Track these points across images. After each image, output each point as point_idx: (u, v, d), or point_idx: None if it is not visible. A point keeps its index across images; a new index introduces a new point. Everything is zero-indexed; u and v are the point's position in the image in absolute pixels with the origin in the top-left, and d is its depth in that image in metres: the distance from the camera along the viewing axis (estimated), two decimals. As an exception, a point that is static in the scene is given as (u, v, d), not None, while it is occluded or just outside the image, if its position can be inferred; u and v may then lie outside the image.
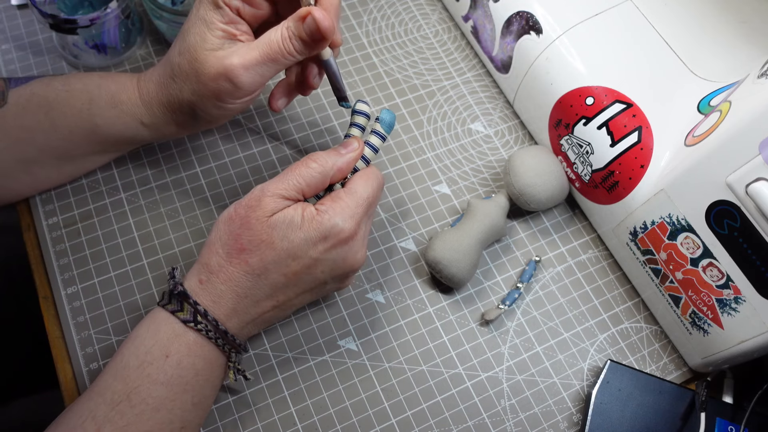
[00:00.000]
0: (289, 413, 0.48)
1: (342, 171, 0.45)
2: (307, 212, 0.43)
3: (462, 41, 0.64)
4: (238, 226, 0.42)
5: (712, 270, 0.46)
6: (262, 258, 0.42)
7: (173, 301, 0.42)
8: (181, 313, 0.42)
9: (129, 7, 0.57)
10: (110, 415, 0.39)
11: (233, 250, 0.42)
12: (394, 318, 0.52)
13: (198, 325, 0.42)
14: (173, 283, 0.43)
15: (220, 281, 0.42)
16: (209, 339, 0.42)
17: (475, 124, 0.60)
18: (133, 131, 0.49)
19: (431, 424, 0.49)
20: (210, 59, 0.44)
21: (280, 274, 0.43)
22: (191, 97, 0.46)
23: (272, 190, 0.43)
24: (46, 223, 0.53)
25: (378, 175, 0.46)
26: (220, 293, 0.42)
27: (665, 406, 0.48)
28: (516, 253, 0.55)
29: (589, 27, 0.54)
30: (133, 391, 0.40)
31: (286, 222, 0.42)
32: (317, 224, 0.42)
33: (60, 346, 0.50)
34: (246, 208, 0.43)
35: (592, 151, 0.52)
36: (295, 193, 0.43)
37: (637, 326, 0.53)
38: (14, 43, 0.61)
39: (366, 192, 0.45)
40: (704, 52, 0.53)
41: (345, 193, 0.44)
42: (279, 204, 0.43)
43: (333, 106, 0.60)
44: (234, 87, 0.44)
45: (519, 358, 0.51)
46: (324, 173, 0.44)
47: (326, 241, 0.43)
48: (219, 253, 0.43)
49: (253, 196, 0.43)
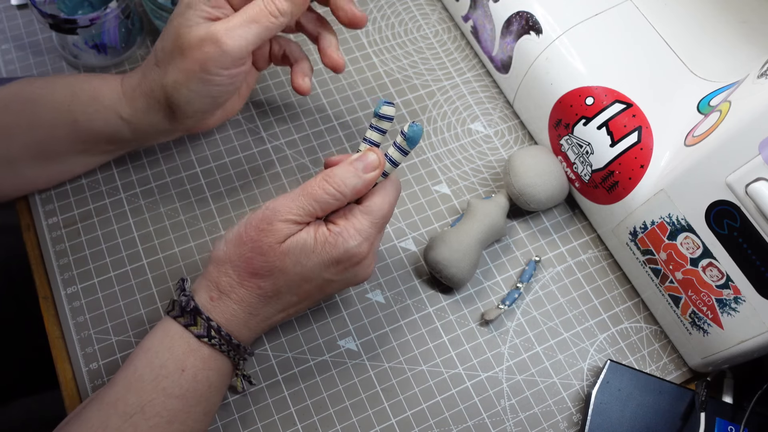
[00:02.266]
0: (289, 413, 0.48)
1: (360, 193, 0.43)
2: (320, 234, 0.42)
3: (462, 41, 0.64)
4: (249, 249, 0.41)
5: (712, 270, 0.46)
6: (274, 283, 0.42)
7: (186, 315, 0.42)
8: (195, 327, 0.41)
9: (129, 7, 0.57)
10: (123, 427, 0.39)
11: (245, 273, 0.42)
12: (393, 318, 0.52)
13: (212, 340, 0.41)
14: (185, 299, 0.42)
15: (232, 301, 0.42)
16: (222, 352, 0.42)
17: (475, 124, 0.60)
18: (113, 127, 0.48)
19: (431, 424, 0.49)
20: (191, 31, 0.43)
21: (293, 294, 0.43)
22: (176, 75, 0.44)
23: (284, 215, 0.41)
24: (46, 223, 0.53)
25: (396, 188, 0.44)
26: (232, 312, 0.42)
27: (665, 406, 0.48)
28: (516, 253, 0.55)
29: (589, 27, 0.54)
30: (148, 404, 0.39)
31: (299, 247, 0.41)
32: (330, 248, 0.41)
33: (60, 346, 0.50)
34: (257, 231, 0.41)
35: (592, 151, 0.52)
36: (308, 218, 0.42)
37: (637, 326, 0.53)
38: (14, 43, 0.61)
39: (382, 210, 0.43)
40: (704, 52, 0.53)
41: (360, 212, 0.43)
42: (292, 229, 0.41)
43: (333, 106, 0.60)
44: (219, 50, 0.43)
45: (519, 358, 0.51)
46: (341, 199, 0.42)
47: (339, 264, 0.42)
48: (230, 274, 0.42)
49: (264, 218, 0.41)
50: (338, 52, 0.49)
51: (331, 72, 0.62)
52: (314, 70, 0.62)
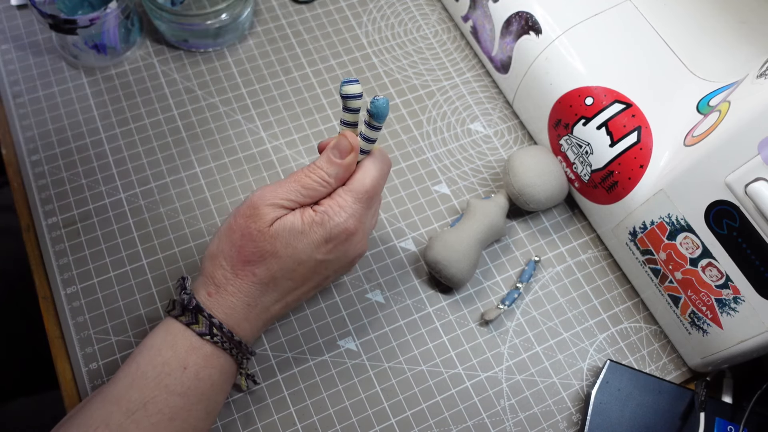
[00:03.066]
0: (288, 413, 0.48)
1: (344, 177, 0.44)
2: (306, 216, 0.42)
3: (461, 41, 0.64)
4: (239, 237, 0.42)
5: (712, 270, 0.46)
6: (268, 268, 0.42)
7: (187, 314, 0.42)
8: (197, 325, 0.41)
9: (129, 7, 0.57)
10: (125, 424, 0.39)
11: (237, 262, 0.42)
12: (393, 318, 0.52)
13: (214, 338, 0.42)
14: (187, 297, 0.42)
15: (229, 294, 0.42)
16: (224, 350, 0.42)
17: (475, 124, 0.60)
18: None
19: (431, 424, 0.49)
20: None
21: (288, 280, 0.43)
22: None
23: (271, 200, 0.42)
24: (46, 223, 0.53)
25: (378, 163, 0.45)
26: (231, 305, 0.42)
27: (665, 406, 0.48)
28: (515, 253, 0.55)
29: (588, 27, 0.54)
30: (150, 401, 0.39)
31: (287, 229, 0.42)
32: (317, 227, 0.42)
33: (60, 346, 0.50)
34: (245, 218, 0.42)
35: (592, 151, 0.52)
36: (294, 204, 0.43)
37: (637, 326, 0.53)
38: (14, 43, 0.61)
39: (364, 186, 0.44)
40: (704, 52, 0.53)
41: (343, 190, 0.44)
42: (278, 213, 0.42)
43: (333, 106, 0.60)
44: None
45: (518, 358, 0.51)
46: (326, 186, 0.43)
47: (329, 243, 0.43)
48: (223, 266, 0.42)
49: (251, 204, 0.42)
50: None
51: (331, 72, 0.62)
52: (314, 70, 0.62)
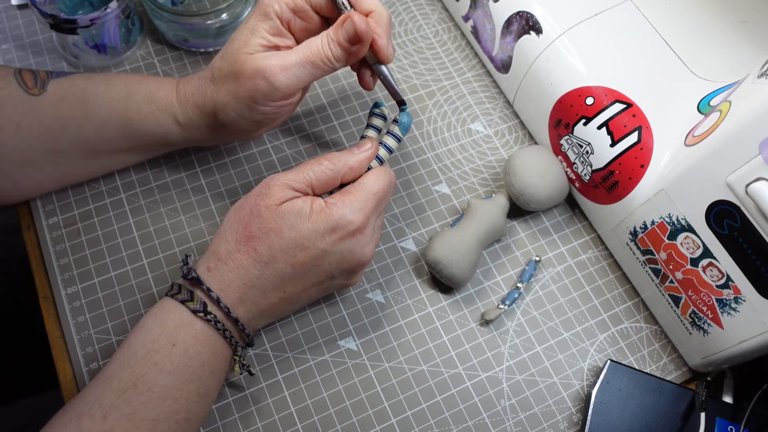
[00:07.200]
0: (289, 413, 0.48)
1: (354, 170, 0.46)
2: (316, 204, 0.43)
3: (462, 41, 0.64)
4: (247, 213, 0.43)
5: (712, 270, 0.46)
6: (270, 246, 0.43)
7: (183, 291, 0.43)
8: (191, 303, 0.42)
9: (129, 7, 0.57)
10: (117, 403, 0.39)
11: (242, 237, 0.43)
12: (394, 318, 0.52)
13: (207, 315, 0.42)
14: (187, 269, 0.43)
15: (228, 269, 0.43)
16: (216, 330, 0.42)
17: (475, 124, 0.60)
18: (166, 129, 0.49)
19: (431, 423, 0.49)
20: (249, 60, 0.44)
21: (288, 264, 0.43)
22: (226, 98, 0.46)
23: (282, 180, 0.44)
24: (46, 223, 0.53)
25: (389, 173, 0.47)
26: (228, 281, 0.43)
27: (665, 406, 0.48)
28: (516, 253, 0.55)
29: (589, 27, 0.54)
30: (140, 379, 0.40)
31: (294, 212, 0.43)
32: (326, 215, 0.43)
33: (60, 346, 0.50)
34: (256, 196, 0.44)
35: (592, 151, 0.52)
36: (304, 186, 0.44)
37: (637, 326, 0.53)
38: (14, 43, 0.61)
39: (376, 187, 0.45)
40: (704, 52, 0.53)
41: (354, 187, 0.45)
42: (288, 194, 0.44)
43: (333, 106, 0.60)
44: (270, 86, 0.44)
45: (519, 358, 0.51)
46: (335, 171, 0.45)
47: (334, 233, 0.43)
48: (228, 240, 0.44)
49: (263, 184, 0.44)
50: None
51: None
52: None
